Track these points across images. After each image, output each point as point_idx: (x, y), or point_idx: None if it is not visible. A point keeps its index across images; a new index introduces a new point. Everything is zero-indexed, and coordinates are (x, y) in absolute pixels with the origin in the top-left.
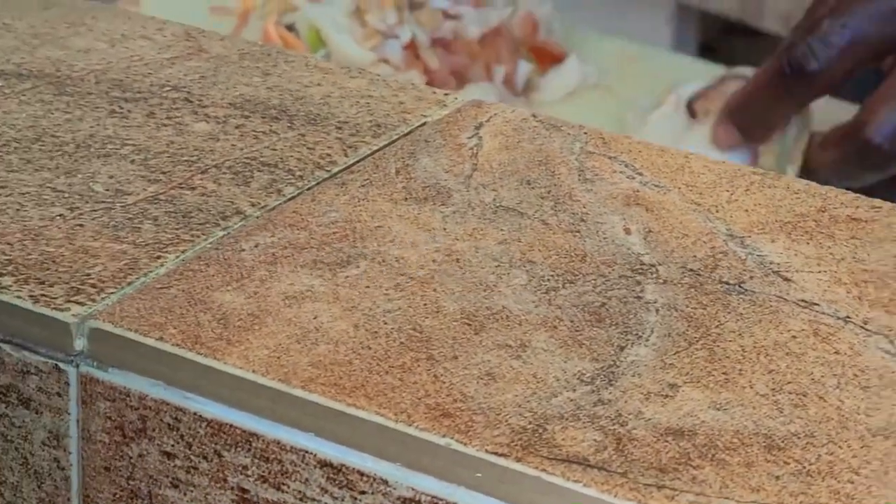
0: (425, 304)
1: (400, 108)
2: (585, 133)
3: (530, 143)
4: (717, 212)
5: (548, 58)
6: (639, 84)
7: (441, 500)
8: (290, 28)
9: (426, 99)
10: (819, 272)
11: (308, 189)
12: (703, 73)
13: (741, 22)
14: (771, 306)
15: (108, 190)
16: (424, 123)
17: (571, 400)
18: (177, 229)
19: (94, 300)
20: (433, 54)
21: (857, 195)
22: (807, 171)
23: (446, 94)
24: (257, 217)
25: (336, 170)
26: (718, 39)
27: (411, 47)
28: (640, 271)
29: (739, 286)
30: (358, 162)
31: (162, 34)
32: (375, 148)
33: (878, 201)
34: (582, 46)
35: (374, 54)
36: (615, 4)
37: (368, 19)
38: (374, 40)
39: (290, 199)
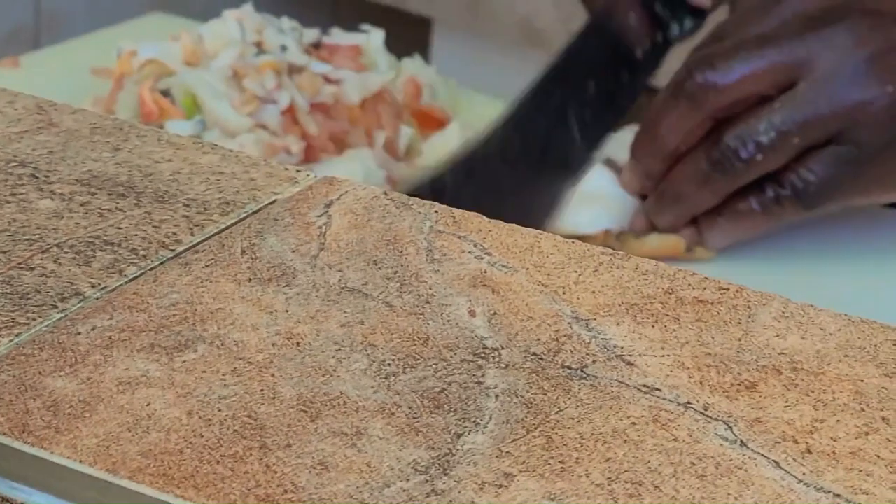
0: (262, 390)
1: (250, 184)
2: (436, 212)
3: (380, 222)
4: (563, 293)
5: (431, 122)
6: None
7: None
8: (166, 93)
9: (277, 176)
10: (662, 356)
11: (151, 269)
12: None
13: None
14: (612, 392)
15: None
16: (274, 201)
17: (404, 490)
18: (12, 312)
19: None
20: (312, 120)
21: (705, 276)
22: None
23: (298, 171)
24: (97, 299)
25: (181, 249)
26: None
27: (290, 112)
28: (483, 355)
29: (582, 371)
30: (204, 241)
31: (12, 107)
32: (223, 226)
33: (724, 283)
34: (466, 110)
35: (251, 119)
36: (500, 64)
37: (246, 84)
38: (251, 105)
39: (131, 280)
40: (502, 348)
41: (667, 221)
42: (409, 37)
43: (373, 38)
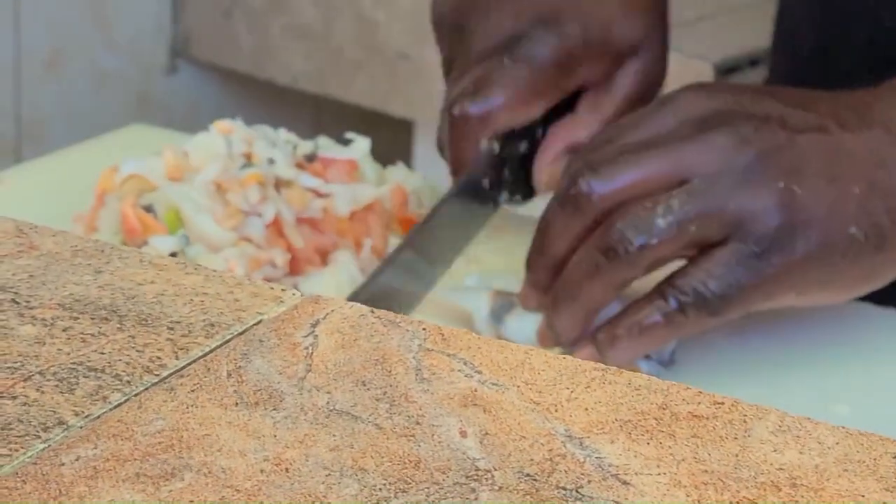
0: None
1: (235, 305)
2: (424, 329)
3: (367, 341)
4: (556, 411)
5: None
6: (507, 253)
7: None
8: (149, 209)
9: (262, 295)
10: (658, 474)
11: (135, 395)
12: None
13: None
14: None
15: None
16: (260, 322)
17: None
18: None
19: None
20: (297, 233)
21: (699, 391)
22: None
23: (283, 290)
24: (80, 427)
25: (166, 373)
26: None
27: (275, 225)
28: (475, 477)
29: (577, 491)
30: (189, 364)
31: None
32: (208, 349)
33: (719, 397)
34: None
35: (234, 234)
36: None
37: (230, 198)
38: (235, 219)
39: (115, 407)
40: (495, 469)
41: (565, 326)
42: (392, 139)
43: (359, 147)
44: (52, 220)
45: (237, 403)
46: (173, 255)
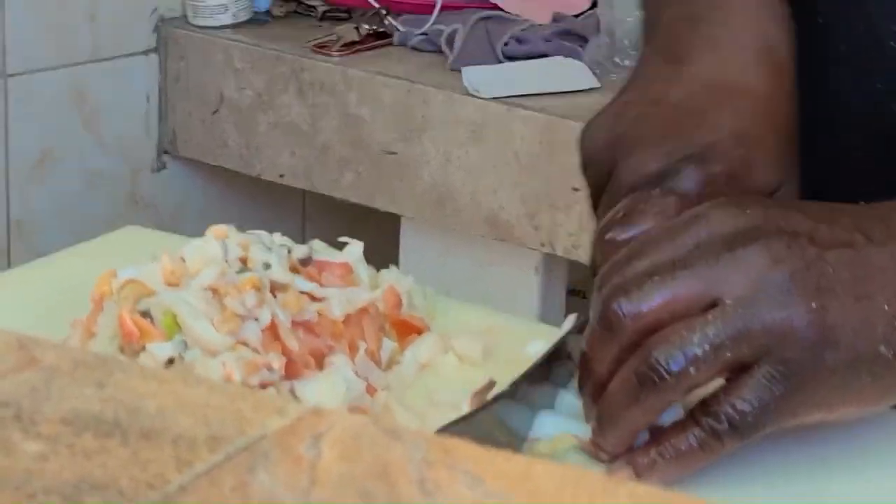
0: None
1: (238, 418)
2: (426, 441)
3: (370, 453)
4: None
5: (410, 331)
6: (499, 353)
7: None
8: (146, 314)
9: (265, 407)
10: None
11: None
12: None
13: None
14: None
15: None
16: (263, 435)
17: None
18: None
19: None
20: (293, 336)
21: (702, 500)
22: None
23: (286, 403)
24: None
25: (170, 490)
26: (585, 283)
27: (271, 329)
28: None
29: None
30: (193, 480)
31: None
32: (212, 464)
33: None
34: (442, 316)
35: (231, 338)
36: (468, 258)
37: (227, 302)
38: (232, 323)
39: None
40: None
41: (609, 447)
42: (379, 233)
43: (352, 250)
44: (48, 325)
45: None
46: (171, 360)
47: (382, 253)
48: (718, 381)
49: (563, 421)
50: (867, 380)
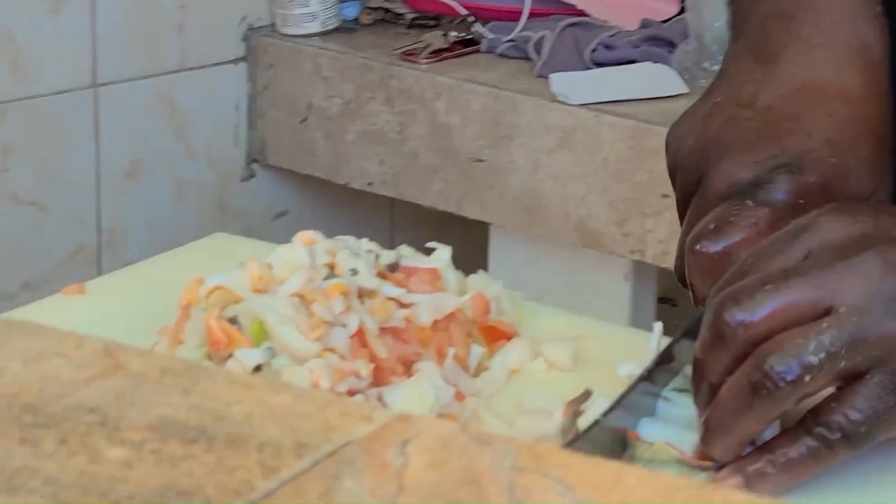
0: None
1: (324, 424)
2: (516, 448)
3: (459, 461)
4: None
5: (498, 337)
6: (589, 360)
7: None
8: (234, 321)
9: (351, 414)
10: None
11: None
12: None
13: None
14: None
15: None
16: (349, 442)
17: None
18: None
19: None
20: (381, 343)
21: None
22: None
23: (373, 409)
24: None
25: (256, 496)
26: (675, 290)
27: (359, 335)
28: None
29: None
30: (279, 487)
31: (79, 351)
32: (297, 471)
33: None
34: (530, 322)
35: (319, 344)
36: (557, 266)
37: (314, 309)
38: (319, 330)
39: None
40: None
41: (718, 454)
42: (467, 241)
43: (440, 255)
44: (136, 332)
45: None
46: (259, 367)
47: (471, 261)
48: (826, 391)
49: (662, 428)
50: None
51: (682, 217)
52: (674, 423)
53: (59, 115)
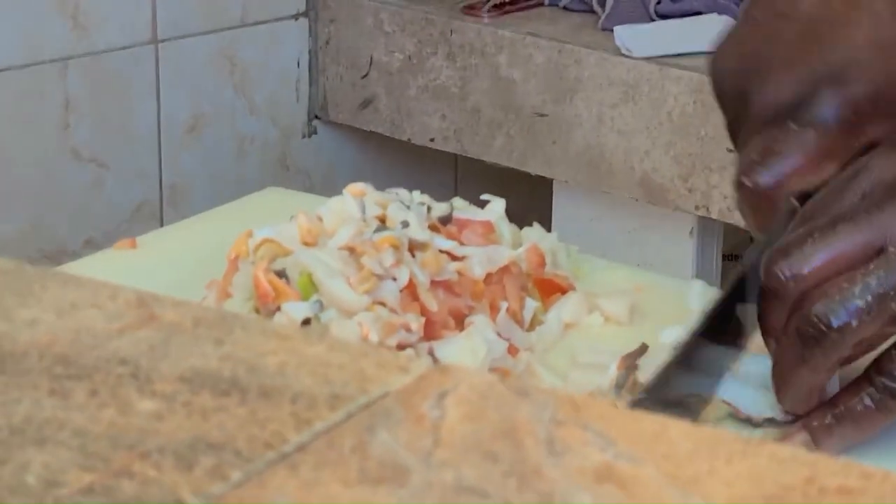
0: None
1: (360, 376)
2: (555, 400)
3: (496, 413)
4: (695, 485)
5: (553, 290)
6: (647, 314)
7: None
8: (282, 274)
9: (388, 365)
10: None
11: (257, 473)
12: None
13: None
14: None
15: (40, 481)
16: (385, 394)
17: None
18: None
19: None
20: (432, 297)
21: (847, 462)
22: None
23: (409, 360)
24: None
25: (288, 449)
26: (742, 247)
27: (410, 289)
28: None
29: None
30: (312, 440)
31: (113, 302)
32: (331, 423)
33: (869, 468)
34: (587, 276)
35: (368, 298)
36: (622, 221)
37: (364, 261)
38: (369, 283)
39: (235, 487)
40: None
41: (789, 407)
42: (531, 197)
43: (494, 208)
44: (187, 286)
45: (361, 481)
46: (307, 320)
47: (535, 216)
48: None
49: (739, 388)
50: None
51: (734, 144)
52: (736, 380)
53: (120, 71)
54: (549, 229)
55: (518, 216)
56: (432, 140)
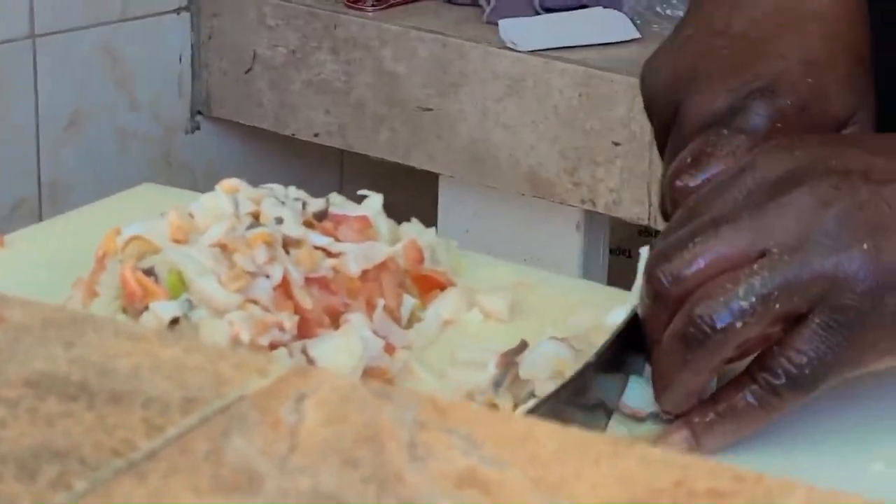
0: None
1: (216, 379)
2: (419, 402)
3: (358, 416)
4: (561, 489)
5: (432, 286)
6: (527, 310)
7: None
8: (150, 272)
9: (246, 367)
10: None
11: (102, 482)
12: (599, 298)
13: (650, 228)
14: None
15: None
16: (242, 397)
17: None
18: None
19: None
20: (306, 294)
21: (719, 464)
22: None
23: (269, 362)
24: None
25: (137, 457)
26: (630, 241)
27: (283, 286)
28: None
29: None
30: (163, 446)
31: None
32: (184, 429)
33: (741, 471)
34: (468, 272)
35: (240, 296)
36: (508, 215)
37: (236, 259)
38: (241, 281)
39: (80, 497)
40: None
41: (669, 408)
42: (417, 192)
43: (372, 203)
44: (54, 285)
45: (213, 489)
46: (176, 320)
47: (422, 212)
48: None
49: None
50: None
51: (661, 153)
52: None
53: None
54: (435, 225)
55: (404, 212)
56: (317, 135)
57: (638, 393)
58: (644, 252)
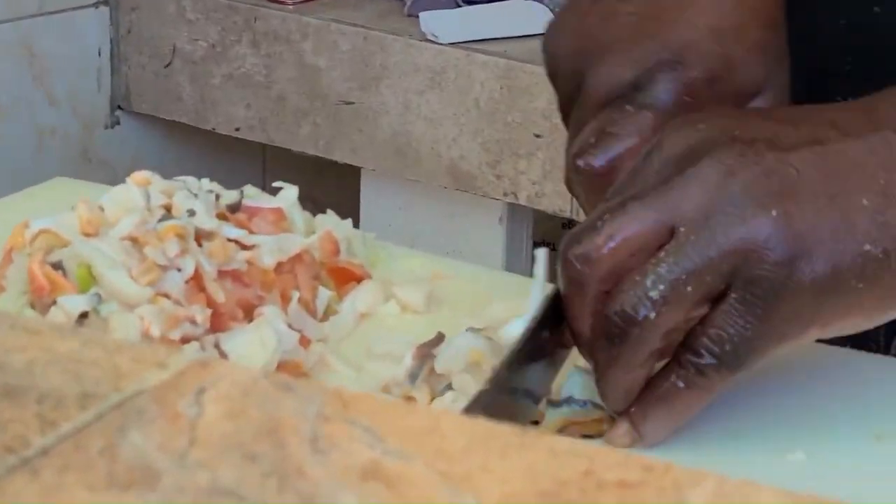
0: None
1: (114, 373)
2: (322, 395)
3: (259, 410)
4: (466, 482)
5: (348, 278)
6: (444, 302)
7: None
8: (58, 266)
9: (144, 361)
10: None
11: None
12: (516, 289)
13: (574, 221)
14: None
15: None
16: (140, 391)
17: None
18: None
19: None
20: (219, 287)
21: (628, 454)
22: None
23: (168, 355)
24: None
25: (30, 453)
26: (553, 234)
27: (196, 279)
28: None
29: None
30: (57, 442)
31: None
32: (79, 424)
33: (650, 461)
34: (384, 264)
35: (151, 290)
36: (430, 208)
37: (146, 252)
38: (152, 274)
39: None
40: None
41: (612, 406)
42: (339, 186)
43: (286, 195)
44: None
45: (108, 485)
46: (84, 314)
47: (344, 207)
48: None
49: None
50: (859, 285)
51: (566, 122)
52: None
53: None
54: (357, 218)
55: (327, 206)
56: (238, 129)
57: (581, 384)
58: (540, 253)
